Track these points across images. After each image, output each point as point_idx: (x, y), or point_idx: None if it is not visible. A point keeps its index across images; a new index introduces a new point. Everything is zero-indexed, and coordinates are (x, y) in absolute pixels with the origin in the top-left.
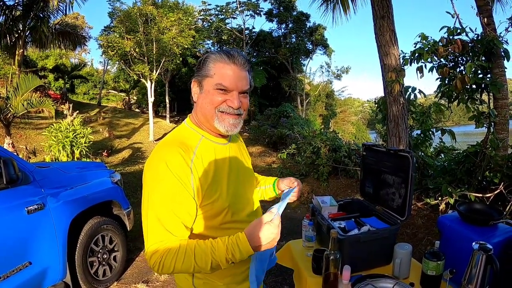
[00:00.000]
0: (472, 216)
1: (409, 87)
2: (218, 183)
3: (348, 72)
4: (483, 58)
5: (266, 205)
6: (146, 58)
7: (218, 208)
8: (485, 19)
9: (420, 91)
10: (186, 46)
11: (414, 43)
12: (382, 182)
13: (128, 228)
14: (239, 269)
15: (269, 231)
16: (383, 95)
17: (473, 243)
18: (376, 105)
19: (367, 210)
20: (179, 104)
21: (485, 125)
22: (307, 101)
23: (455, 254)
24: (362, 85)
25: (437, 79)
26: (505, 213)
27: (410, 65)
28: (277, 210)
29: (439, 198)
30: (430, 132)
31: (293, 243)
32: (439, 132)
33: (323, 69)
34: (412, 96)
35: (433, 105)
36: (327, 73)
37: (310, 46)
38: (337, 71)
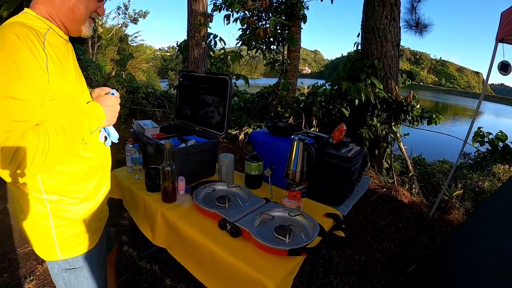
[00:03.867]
0: (279, 129)
1: (211, 34)
2: (68, 77)
3: (146, 17)
4: (284, 17)
5: None
6: None
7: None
8: None
9: (221, 39)
10: None
11: None
12: (201, 103)
13: None
14: (99, 214)
15: (112, 100)
16: (186, 38)
17: (292, 136)
18: (178, 47)
19: (186, 131)
20: None
21: (278, 71)
22: (98, 44)
23: (266, 159)
24: (156, 32)
25: (239, 29)
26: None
27: (219, 11)
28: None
29: (238, 130)
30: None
31: (117, 171)
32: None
33: (119, 11)
34: (212, 43)
35: (231, 53)
36: (124, 15)
37: None
38: (134, 14)
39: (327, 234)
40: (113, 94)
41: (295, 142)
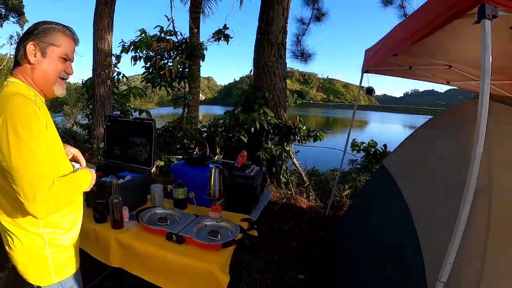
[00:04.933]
0: (194, 160)
1: (115, 71)
2: (53, 132)
3: None
4: (185, 57)
5: None
6: None
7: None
8: (195, 29)
9: (124, 75)
10: None
11: (136, 37)
12: (131, 143)
13: None
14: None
15: (91, 174)
16: (92, 76)
17: (210, 165)
18: (83, 85)
19: (116, 168)
20: None
21: (181, 106)
22: None
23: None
24: None
25: (143, 67)
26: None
27: (127, 53)
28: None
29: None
30: (129, 112)
31: None
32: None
33: (12, 40)
34: (115, 79)
35: (133, 88)
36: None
37: (3, 10)
38: None
39: (246, 231)
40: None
41: (213, 169)
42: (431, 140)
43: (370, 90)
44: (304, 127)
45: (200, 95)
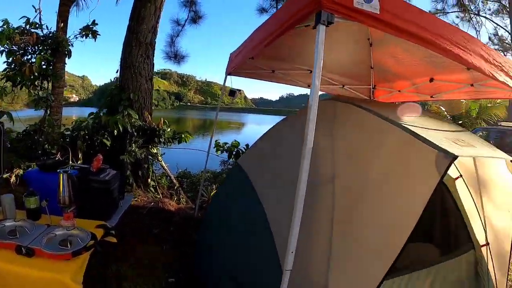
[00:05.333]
0: (48, 166)
1: None
2: None
3: None
4: (50, 52)
5: None
6: None
7: None
8: (61, 23)
9: None
10: None
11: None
12: None
13: None
14: None
15: None
16: None
17: (58, 170)
18: None
19: None
20: None
21: (43, 107)
22: None
23: (44, 193)
24: None
25: (4, 62)
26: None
27: None
28: None
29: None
30: None
31: None
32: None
33: None
34: None
35: None
36: None
37: None
38: None
39: (98, 239)
40: None
41: (61, 174)
42: (280, 137)
43: (233, 92)
44: (169, 129)
45: (74, 95)
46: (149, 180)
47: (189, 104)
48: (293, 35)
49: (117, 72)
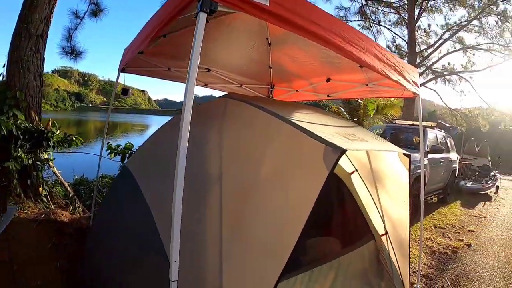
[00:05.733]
0: None
1: None
2: None
3: None
4: None
5: None
6: None
7: None
8: None
9: None
10: None
11: None
12: None
13: None
14: None
15: None
16: None
17: None
18: None
19: None
20: None
21: None
22: None
23: None
24: None
25: None
26: None
27: None
28: None
29: None
30: None
31: None
32: None
33: None
34: None
35: None
36: None
37: None
38: None
39: None
40: None
41: None
42: (165, 138)
43: (125, 91)
44: (59, 132)
45: None
46: (40, 189)
47: (90, 105)
48: (187, 33)
49: (4, 66)
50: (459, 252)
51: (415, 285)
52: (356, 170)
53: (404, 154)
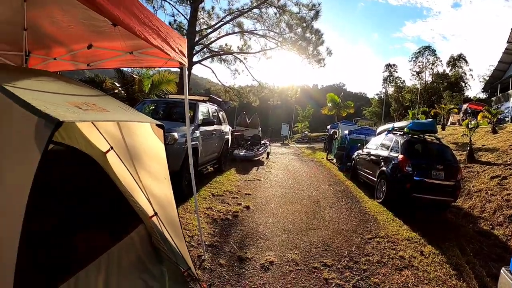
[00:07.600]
0: None
1: None
2: None
3: None
4: None
5: None
6: None
7: None
8: None
9: None
10: None
11: None
12: None
13: None
14: None
15: None
16: None
17: None
18: None
19: None
20: None
21: None
22: None
23: None
24: None
25: None
26: None
27: None
28: None
29: None
30: None
31: None
32: None
33: None
34: None
35: None
36: None
37: None
38: None
39: None
40: None
41: None
42: None
43: None
44: None
45: None
46: None
47: None
48: None
49: None
50: (239, 216)
51: (202, 256)
52: (112, 148)
53: (157, 125)
